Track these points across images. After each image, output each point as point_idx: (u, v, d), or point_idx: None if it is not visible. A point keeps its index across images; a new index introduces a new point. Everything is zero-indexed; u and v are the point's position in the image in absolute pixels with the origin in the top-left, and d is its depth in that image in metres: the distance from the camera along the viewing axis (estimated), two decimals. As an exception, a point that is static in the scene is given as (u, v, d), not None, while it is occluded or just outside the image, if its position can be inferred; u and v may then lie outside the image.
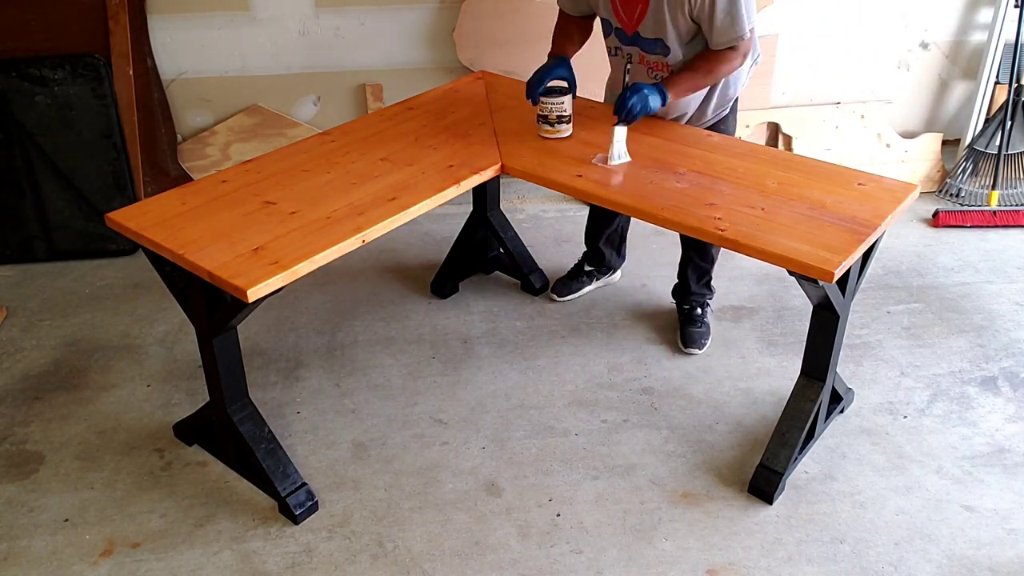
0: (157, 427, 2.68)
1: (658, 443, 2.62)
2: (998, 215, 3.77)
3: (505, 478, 2.50)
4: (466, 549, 2.28)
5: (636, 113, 2.52)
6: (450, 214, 3.73)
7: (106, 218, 2.24)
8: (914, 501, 2.41)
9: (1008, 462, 2.54)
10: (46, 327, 3.15)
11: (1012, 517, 2.36)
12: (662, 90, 2.55)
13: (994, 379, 2.87)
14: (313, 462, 2.55)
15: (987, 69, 3.90)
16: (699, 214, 2.23)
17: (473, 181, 2.47)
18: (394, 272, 3.46)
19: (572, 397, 2.80)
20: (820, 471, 2.51)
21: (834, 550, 2.27)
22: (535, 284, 3.29)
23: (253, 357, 2.97)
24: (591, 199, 2.42)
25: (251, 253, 2.06)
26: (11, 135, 3.35)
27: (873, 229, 2.15)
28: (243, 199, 2.30)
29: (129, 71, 3.42)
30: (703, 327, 3.03)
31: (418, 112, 2.87)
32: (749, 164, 2.48)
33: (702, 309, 3.05)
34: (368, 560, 2.25)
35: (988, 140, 3.89)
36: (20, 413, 2.74)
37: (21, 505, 2.41)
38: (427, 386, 2.85)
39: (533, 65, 2.77)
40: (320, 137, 2.69)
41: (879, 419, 2.70)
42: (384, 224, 2.22)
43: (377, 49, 3.76)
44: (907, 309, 3.23)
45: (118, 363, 2.96)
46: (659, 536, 2.31)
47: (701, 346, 2.99)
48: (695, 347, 2.98)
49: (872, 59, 4.01)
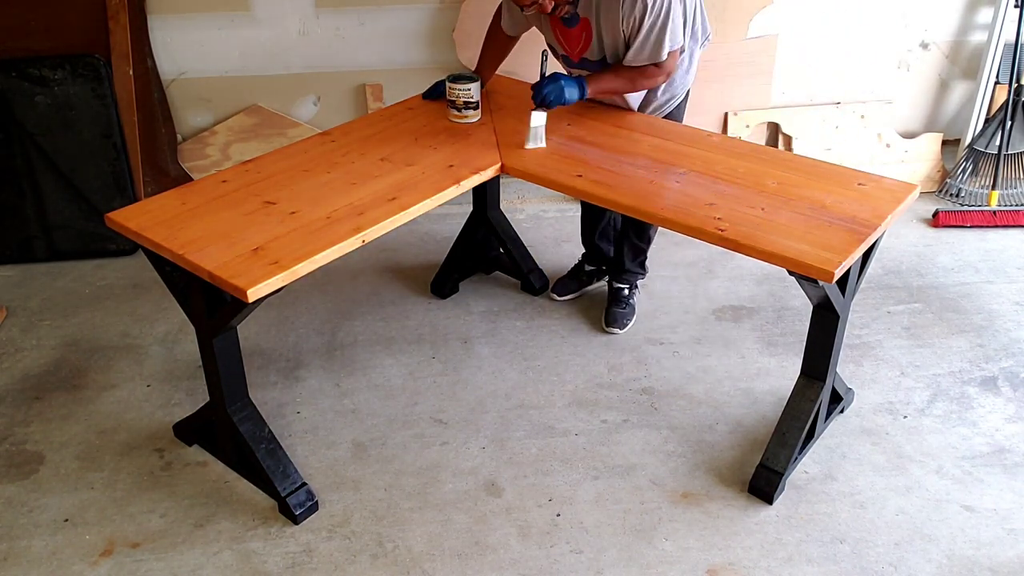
0: (157, 427, 2.68)
1: (658, 443, 2.62)
2: (998, 215, 3.76)
3: (505, 478, 2.50)
4: (466, 549, 2.28)
5: (551, 101, 2.58)
6: (450, 214, 3.73)
7: (106, 218, 2.24)
8: (914, 501, 2.41)
9: (1008, 462, 2.54)
10: (46, 327, 3.15)
11: (1012, 517, 2.36)
12: (582, 84, 2.62)
13: (994, 379, 2.87)
14: (313, 462, 2.55)
15: (987, 69, 3.90)
16: (699, 214, 2.23)
17: (473, 181, 2.47)
18: (394, 272, 3.46)
19: (572, 397, 2.80)
20: (820, 471, 2.51)
21: (834, 550, 2.27)
22: (535, 284, 3.29)
23: (253, 357, 2.97)
24: (591, 199, 2.42)
25: (251, 253, 2.06)
26: (11, 135, 3.35)
27: (873, 229, 2.15)
28: (243, 199, 2.30)
29: (129, 71, 3.42)
30: (627, 308, 3.11)
31: (418, 112, 2.87)
32: (749, 164, 2.48)
33: (630, 290, 3.13)
34: (368, 560, 2.25)
35: (988, 140, 3.89)
36: (20, 413, 2.74)
37: (21, 505, 2.41)
38: (427, 386, 2.85)
39: (533, 65, 2.78)
40: (320, 137, 2.69)
41: (879, 419, 2.70)
42: (384, 224, 2.22)
43: (377, 49, 3.76)
44: (907, 309, 3.23)
45: (118, 363, 2.96)
46: (659, 536, 2.31)
47: (623, 326, 3.08)
48: (617, 327, 3.07)
49: (872, 59, 4.01)
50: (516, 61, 3.73)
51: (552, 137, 2.67)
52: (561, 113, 2.84)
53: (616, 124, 2.76)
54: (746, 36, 3.86)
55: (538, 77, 2.64)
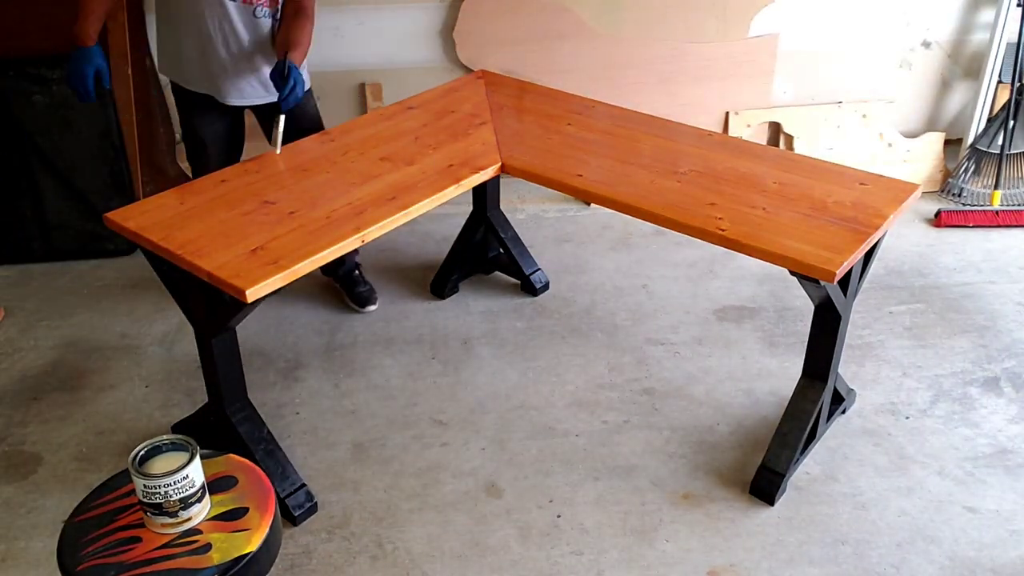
0: (156, 428, 2.67)
1: (659, 444, 2.61)
2: (1000, 215, 3.76)
3: (505, 479, 2.49)
4: (466, 550, 2.27)
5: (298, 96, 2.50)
6: (450, 214, 3.72)
7: (104, 218, 2.23)
8: (916, 502, 2.40)
9: (1010, 463, 2.53)
10: (44, 327, 3.14)
11: (1015, 518, 2.35)
12: (294, 67, 2.51)
13: (996, 380, 2.86)
14: (312, 463, 2.54)
15: (989, 68, 3.89)
16: (700, 214, 2.22)
17: (473, 180, 2.46)
18: (394, 272, 3.45)
19: (572, 398, 2.79)
20: (822, 472, 2.50)
21: (836, 551, 2.26)
22: (535, 284, 3.28)
23: (252, 357, 2.96)
24: (591, 199, 2.41)
25: (250, 253, 2.05)
26: (9, 135, 3.34)
27: (875, 229, 2.14)
28: (242, 199, 2.29)
29: (128, 71, 3.42)
30: (367, 285, 3.17)
31: (418, 112, 2.86)
32: (750, 164, 2.47)
33: (358, 269, 3.18)
34: (367, 561, 2.24)
35: (990, 140, 3.88)
36: (18, 414, 2.73)
37: (19, 506, 2.40)
38: (427, 387, 2.84)
39: (533, 64, 2.76)
40: (320, 137, 2.68)
41: (881, 420, 2.69)
42: (384, 224, 2.21)
43: (377, 48, 3.75)
44: (909, 309, 3.22)
45: (116, 363, 2.95)
46: (660, 537, 2.30)
47: (375, 300, 3.14)
48: (371, 304, 3.14)
49: (874, 58, 4.00)
50: (516, 60, 3.73)
51: (553, 137, 2.66)
52: (561, 113, 2.83)
53: (616, 123, 2.75)
54: (747, 35, 3.85)
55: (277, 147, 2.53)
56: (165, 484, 1.60)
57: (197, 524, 1.66)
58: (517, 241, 3.30)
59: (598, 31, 3.77)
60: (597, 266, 3.48)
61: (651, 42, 3.82)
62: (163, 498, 1.61)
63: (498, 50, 3.73)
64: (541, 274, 3.32)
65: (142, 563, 1.59)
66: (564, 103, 2.92)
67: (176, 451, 1.67)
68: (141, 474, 1.61)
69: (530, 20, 3.69)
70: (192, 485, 1.63)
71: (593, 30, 3.76)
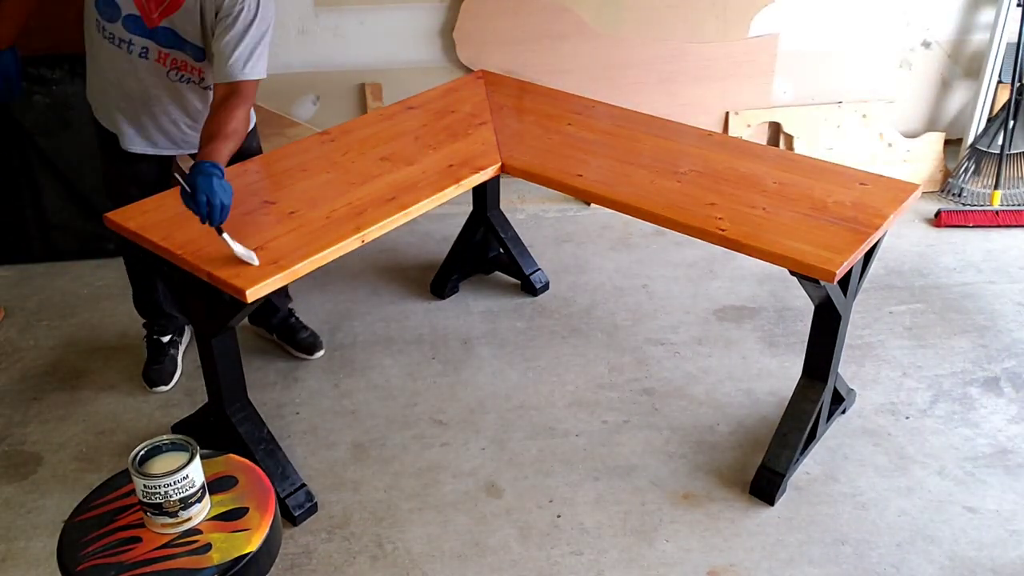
0: (156, 428, 2.67)
1: (659, 444, 2.61)
2: (1001, 215, 3.75)
3: (505, 479, 2.49)
4: (466, 550, 2.27)
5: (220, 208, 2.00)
6: (450, 214, 3.71)
7: (104, 218, 2.23)
8: (916, 502, 2.40)
9: (1010, 463, 2.53)
10: (44, 327, 3.14)
11: (1015, 518, 2.35)
12: (217, 167, 2.03)
13: (996, 380, 2.86)
14: (312, 463, 2.54)
15: (989, 68, 3.88)
16: (700, 214, 2.22)
17: (473, 180, 2.46)
18: (394, 272, 3.45)
19: (573, 398, 2.79)
20: (822, 472, 2.50)
21: (836, 551, 2.26)
22: (535, 284, 3.28)
23: (252, 357, 2.96)
24: (592, 199, 2.41)
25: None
26: (9, 134, 3.34)
27: (875, 229, 2.14)
28: (242, 199, 2.29)
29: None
30: (308, 329, 2.98)
31: (418, 112, 2.86)
32: (750, 164, 2.47)
33: (293, 316, 2.98)
34: (367, 561, 2.24)
35: (990, 140, 3.88)
36: (18, 414, 2.73)
37: (19, 506, 2.40)
38: (427, 387, 2.84)
39: (533, 64, 2.75)
40: (320, 137, 2.68)
41: (881, 420, 2.69)
42: (384, 224, 2.21)
43: (377, 48, 3.75)
44: (909, 309, 3.22)
45: (116, 363, 2.95)
46: (660, 537, 2.30)
47: (321, 346, 2.97)
48: (318, 350, 2.96)
49: (874, 58, 4.00)
50: (516, 60, 3.73)
51: (553, 137, 2.66)
52: (561, 113, 2.83)
53: (617, 123, 2.75)
54: (747, 35, 3.85)
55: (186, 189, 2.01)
56: (165, 484, 1.60)
57: (197, 524, 1.66)
58: (517, 241, 3.30)
59: (598, 31, 3.77)
60: (597, 266, 3.48)
61: (651, 42, 3.82)
62: (163, 498, 1.61)
63: (498, 50, 3.73)
64: (541, 274, 3.32)
65: (142, 563, 1.59)
66: (564, 103, 2.92)
67: (176, 451, 1.67)
68: (141, 474, 1.61)
69: (530, 20, 3.69)
70: (192, 485, 1.63)
71: (593, 30, 3.76)
